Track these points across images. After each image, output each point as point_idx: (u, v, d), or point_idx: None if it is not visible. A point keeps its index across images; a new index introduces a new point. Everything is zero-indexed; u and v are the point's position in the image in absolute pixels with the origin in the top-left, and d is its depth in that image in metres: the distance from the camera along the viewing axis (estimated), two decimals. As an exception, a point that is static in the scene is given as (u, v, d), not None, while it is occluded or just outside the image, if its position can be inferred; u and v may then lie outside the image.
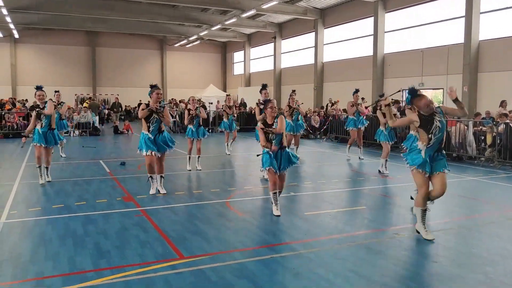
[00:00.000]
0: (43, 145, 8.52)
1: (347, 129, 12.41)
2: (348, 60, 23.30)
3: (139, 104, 7.41)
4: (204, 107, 11.65)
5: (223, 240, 5.40)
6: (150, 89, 7.52)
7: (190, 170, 10.33)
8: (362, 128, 12.16)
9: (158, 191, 7.78)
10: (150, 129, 7.46)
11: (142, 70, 35.22)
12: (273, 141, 6.24)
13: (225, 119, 13.18)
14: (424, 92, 5.85)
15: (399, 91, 9.48)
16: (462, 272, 4.41)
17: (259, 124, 6.46)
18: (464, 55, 16.55)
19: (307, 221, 6.23)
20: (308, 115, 19.91)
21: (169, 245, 5.15)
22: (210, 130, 21.09)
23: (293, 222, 6.18)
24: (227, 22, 25.34)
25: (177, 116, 22.11)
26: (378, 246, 5.17)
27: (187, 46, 35.17)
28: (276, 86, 29.40)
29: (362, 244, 5.24)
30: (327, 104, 22.56)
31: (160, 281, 4.11)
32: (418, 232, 5.45)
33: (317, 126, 19.58)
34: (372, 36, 21.09)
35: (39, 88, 8.56)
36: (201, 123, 10.44)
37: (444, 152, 5.58)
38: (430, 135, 5.20)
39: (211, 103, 24.16)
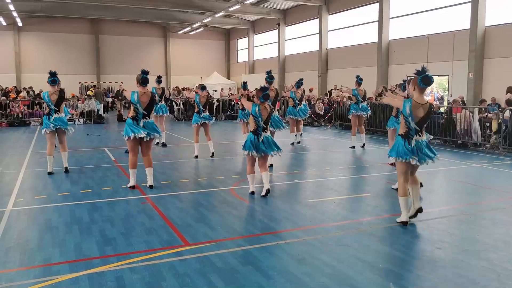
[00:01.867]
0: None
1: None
2: (352, 46, 23.12)
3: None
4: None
5: (228, 227, 5.44)
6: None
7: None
8: (364, 115, 12.13)
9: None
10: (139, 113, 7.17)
11: (145, 57, 35.09)
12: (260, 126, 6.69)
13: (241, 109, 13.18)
14: None
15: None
16: (465, 258, 4.43)
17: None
18: (470, 41, 16.37)
19: (312, 208, 6.25)
20: (312, 103, 19.86)
21: (174, 232, 5.19)
22: (215, 118, 21.08)
23: (298, 209, 6.21)
24: (230, 9, 25.14)
25: (181, 104, 22.10)
26: (382, 233, 5.20)
27: (191, 33, 34.98)
28: (280, 73, 29.25)
29: (366, 231, 5.27)
30: (331, 90, 22.46)
31: (166, 268, 4.16)
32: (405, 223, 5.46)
33: (321, 113, 19.52)
34: (377, 23, 20.89)
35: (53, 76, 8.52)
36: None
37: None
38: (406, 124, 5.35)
39: (215, 91, 24.09)
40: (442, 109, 14.18)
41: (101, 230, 5.24)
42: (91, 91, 22.81)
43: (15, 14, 25.42)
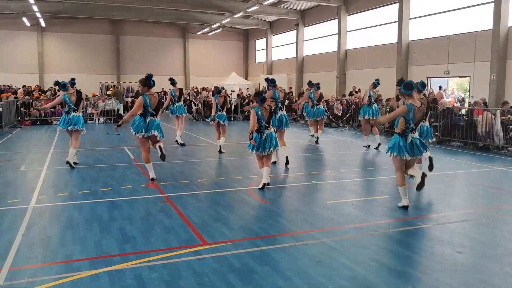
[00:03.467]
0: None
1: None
2: (371, 47, 22.92)
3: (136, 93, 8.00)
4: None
5: (246, 227, 5.46)
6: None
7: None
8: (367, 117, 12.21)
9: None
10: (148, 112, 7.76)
11: (165, 58, 35.42)
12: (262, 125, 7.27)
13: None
14: (450, 80, 6.02)
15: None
16: (487, 262, 4.36)
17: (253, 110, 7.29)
18: (493, 42, 16.07)
19: (329, 209, 6.23)
20: (331, 103, 19.77)
21: (192, 231, 5.23)
22: (232, 118, 21.17)
23: (315, 210, 6.19)
24: (249, 10, 25.18)
25: (199, 104, 22.23)
26: (401, 236, 5.15)
27: (210, 34, 35.14)
28: (298, 74, 29.19)
29: (384, 234, 5.23)
30: (351, 92, 22.32)
31: (184, 267, 4.20)
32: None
33: (339, 114, 19.41)
34: (397, 23, 20.68)
35: (73, 83, 9.57)
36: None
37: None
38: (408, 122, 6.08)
39: (233, 91, 24.15)
40: (463, 111, 13.96)
41: (120, 228, 5.32)
42: (111, 90, 23.11)
43: (38, 15, 25.94)
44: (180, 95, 12.68)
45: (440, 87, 18.28)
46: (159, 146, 7.92)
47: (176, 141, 12.56)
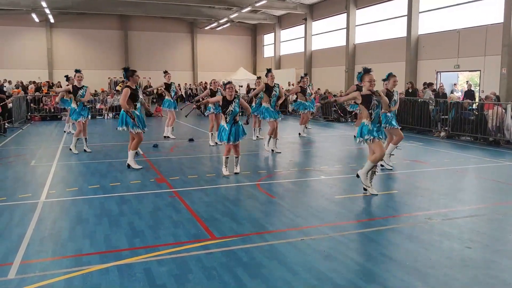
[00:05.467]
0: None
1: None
2: (380, 41, 22.78)
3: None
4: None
5: (254, 221, 5.46)
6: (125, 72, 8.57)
7: (213, 145, 11.38)
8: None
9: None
10: (137, 107, 8.41)
11: (173, 53, 35.49)
12: (229, 116, 7.81)
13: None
14: (460, 74, 5.91)
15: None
16: (497, 258, 4.32)
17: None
18: (504, 36, 15.88)
19: (338, 204, 6.22)
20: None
21: (201, 225, 5.25)
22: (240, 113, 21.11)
23: (324, 205, 6.18)
24: (257, 4, 25.11)
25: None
26: (410, 231, 5.12)
27: (217, 29, 35.12)
28: (307, 69, 29.08)
29: (393, 228, 5.21)
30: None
31: (193, 261, 4.22)
32: (358, 176, 6.74)
33: (348, 109, 19.30)
34: (406, 17, 20.51)
35: (78, 71, 10.33)
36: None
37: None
38: (370, 111, 6.40)
39: (241, 86, 24.13)
40: (474, 105, 13.83)
41: (129, 223, 5.35)
42: (120, 86, 23.19)
43: (47, 11, 26.08)
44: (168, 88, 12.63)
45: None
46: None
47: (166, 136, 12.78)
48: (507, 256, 4.37)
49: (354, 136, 12.16)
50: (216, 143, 11.29)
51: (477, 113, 12.75)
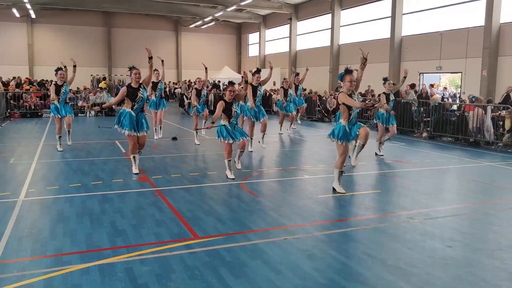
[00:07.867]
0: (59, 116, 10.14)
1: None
2: (364, 42, 22.92)
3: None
4: (216, 86, 11.97)
5: (237, 221, 5.44)
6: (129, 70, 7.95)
7: (198, 144, 11.37)
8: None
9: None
10: (135, 107, 7.67)
11: (157, 51, 34.79)
12: (233, 118, 7.58)
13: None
14: (442, 76, 6.00)
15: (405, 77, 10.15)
16: (477, 257, 4.39)
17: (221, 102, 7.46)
18: (484, 38, 16.17)
19: (321, 204, 6.23)
20: (324, 98, 19.78)
21: (184, 225, 5.21)
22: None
23: (307, 204, 6.19)
24: (242, 3, 25.09)
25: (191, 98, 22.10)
26: (393, 230, 5.16)
27: (202, 27, 34.98)
28: (291, 69, 29.16)
29: (376, 228, 5.24)
30: (337, 87, 22.36)
31: (175, 260, 4.18)
32: (334, 190, 6.71)
33: (330, 109, 19.41)
34: (390, 18, 20.72)
35: (59, 69, 10.23)
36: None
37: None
38: (350, 111, 6.47)
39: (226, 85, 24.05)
40: (455, 107, 14.03)
41: (111, 222, 5.28)
42: (104, 83, 22.91)
43: (28, 6, 25.60)
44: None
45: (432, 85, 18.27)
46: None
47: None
48: (487, 255, 4.44)
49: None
50: (199, 144, 11.27)
51: (458, 114, 12.94)
